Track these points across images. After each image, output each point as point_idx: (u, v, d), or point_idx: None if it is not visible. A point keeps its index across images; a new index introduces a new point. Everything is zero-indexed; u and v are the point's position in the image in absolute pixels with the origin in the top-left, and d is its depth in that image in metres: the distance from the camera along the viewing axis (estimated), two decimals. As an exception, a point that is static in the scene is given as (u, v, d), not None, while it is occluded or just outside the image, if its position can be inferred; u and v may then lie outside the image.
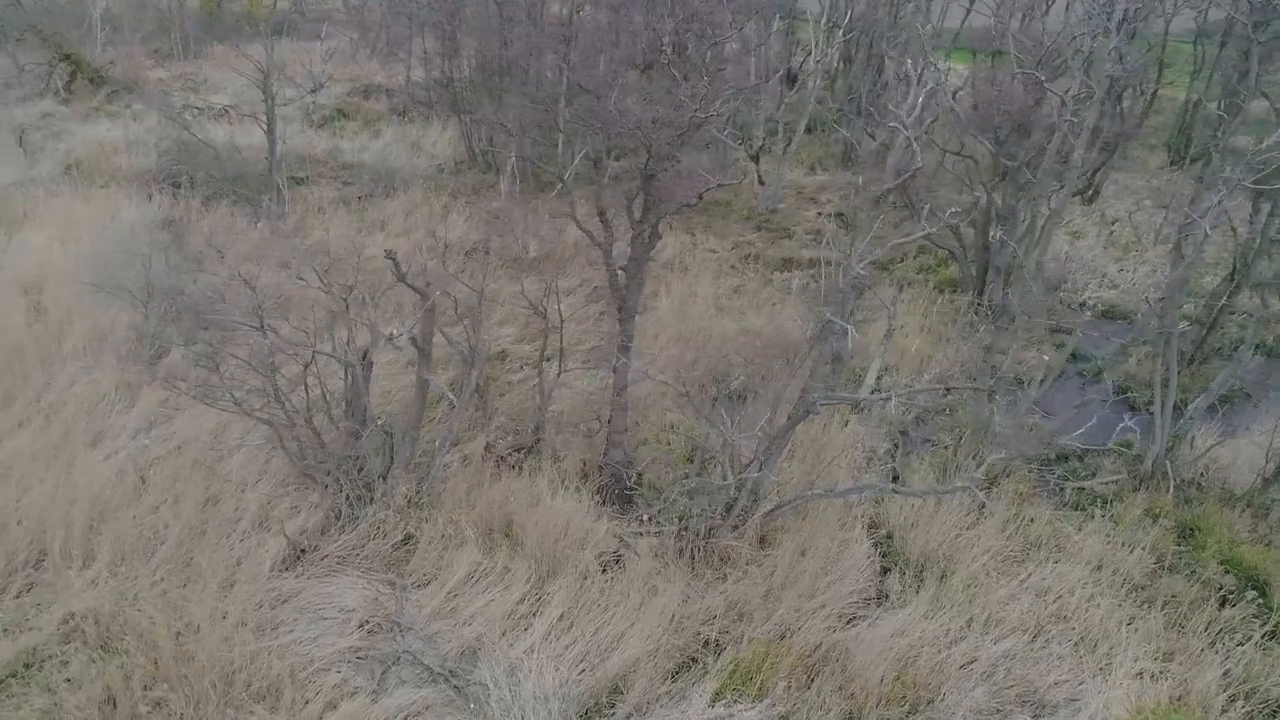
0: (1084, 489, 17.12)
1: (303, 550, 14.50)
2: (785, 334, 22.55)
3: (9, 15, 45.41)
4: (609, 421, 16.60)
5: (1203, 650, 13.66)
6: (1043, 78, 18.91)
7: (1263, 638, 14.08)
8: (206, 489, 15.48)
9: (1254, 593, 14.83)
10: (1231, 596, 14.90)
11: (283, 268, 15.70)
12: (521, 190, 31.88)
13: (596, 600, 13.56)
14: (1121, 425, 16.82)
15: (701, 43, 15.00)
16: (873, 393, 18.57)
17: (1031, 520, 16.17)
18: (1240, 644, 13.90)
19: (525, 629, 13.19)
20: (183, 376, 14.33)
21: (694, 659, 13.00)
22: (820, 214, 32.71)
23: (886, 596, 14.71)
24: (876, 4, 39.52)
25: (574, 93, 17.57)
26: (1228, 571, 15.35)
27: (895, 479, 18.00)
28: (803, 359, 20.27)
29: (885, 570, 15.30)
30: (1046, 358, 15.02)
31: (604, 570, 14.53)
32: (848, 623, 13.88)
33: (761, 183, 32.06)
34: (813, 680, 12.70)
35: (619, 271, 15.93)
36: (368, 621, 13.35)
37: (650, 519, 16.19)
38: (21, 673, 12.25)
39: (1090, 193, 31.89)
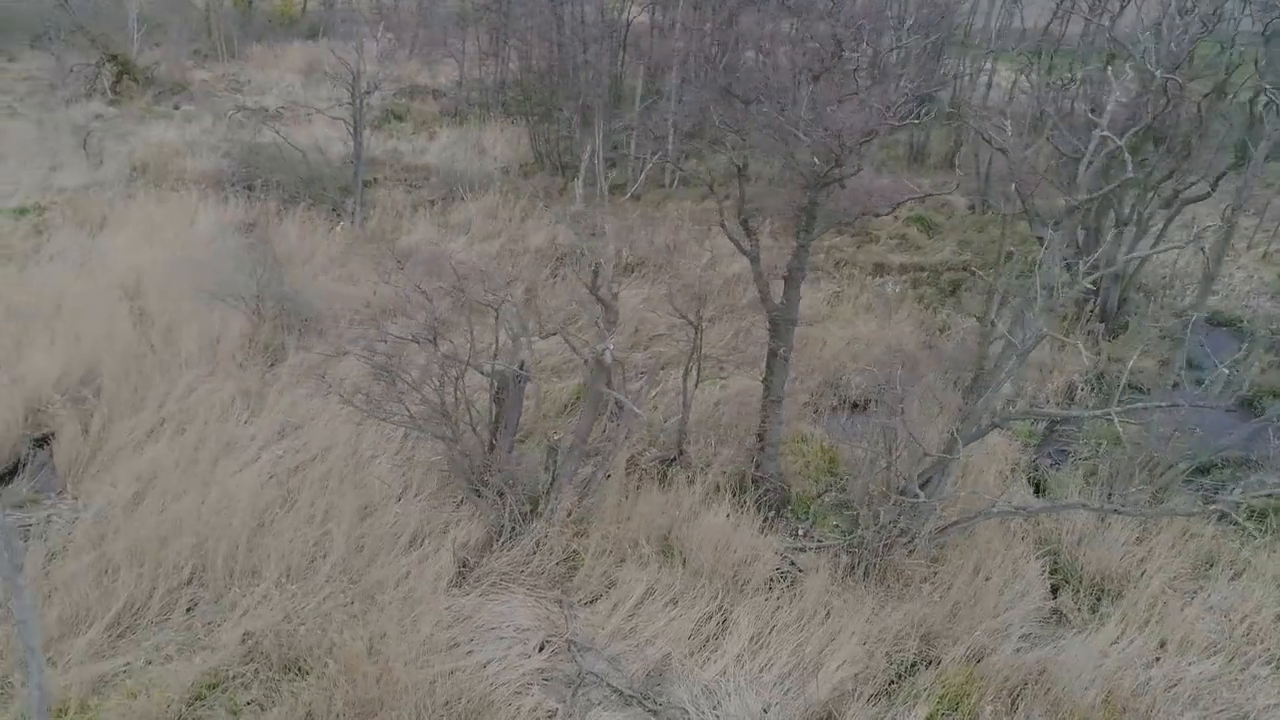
0: (1239, 503, 16.70)
1: (466, 566, 14.11)
2: (900, 341, 22.24)
3: (55, 16, 45.01)
4: (760, 434, 16.19)
5: None
6: (1182, 82, 18.59)
7: None
8: (357, 502, 15.06)
9: None
10: None
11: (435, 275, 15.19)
12: (593, 193, 31.47)
13: (783, 620, 13.15)
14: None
15: (871, 50, 14.63)
16: (1022, 405, 18.12)
17: (1195, 536, 15.76)
18: None
19: (714, 650, 12.79)
20: (362, 390, 13.90)
21: (892, 681, 12.60)
22: (897, 218, 32.32)
23: (1064, 616, 14.33)
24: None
25: (720, 98, 17.13)
26: None
27: (1038, 491, 17.67)
28: (925, 368, 19.87)
29: (1054, 588, 14.92)
30: (1226, 370, 14.65)
31: (774, 587, 14.15)
32: (1036, 643, 13.48)
33: (842, 186, 31.60)
34: (1016, 703, 12.32)
35: (781, 280, 15.52)
36: (549, 641, 12.95)
37: (805, 533, 15.83)
38: (206, 695, 11.83)
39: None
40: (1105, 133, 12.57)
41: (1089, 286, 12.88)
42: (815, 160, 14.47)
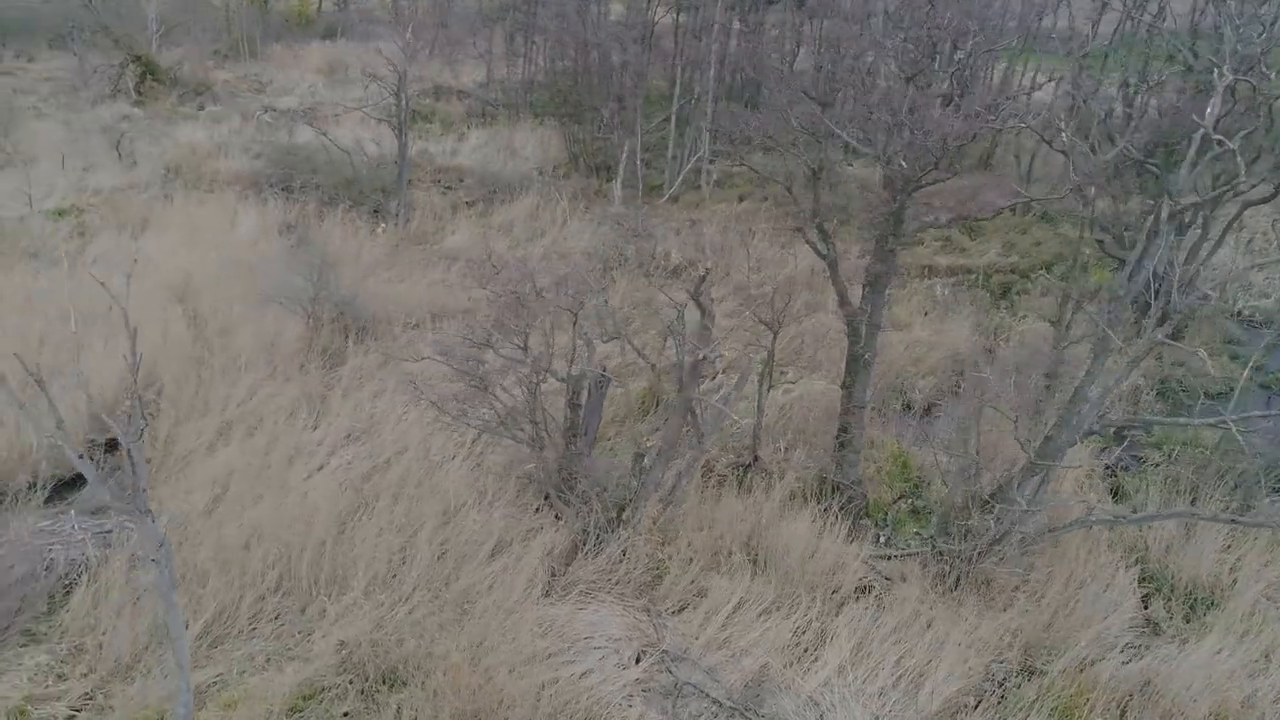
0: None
1: (554, 575, 13.87)
2: (959, 345, 22.02)
3: (78, 16, 44.82)
4: (842, 440, 15.96)
5: None
6: (1255, 84, 18.37)
7: None
8: (435, 508, 14.81)
9: None
10: None
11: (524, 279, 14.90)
12: (634, 195, 31.24)
13: (883, 631, 12.90)
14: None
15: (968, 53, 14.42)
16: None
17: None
18: None
19: (814, 660, 12.55)
20: (458, 399, 13.66)
21: (1004, 696, 12.36)
22: (937, 219, 32.09)
23: (1158, 626, 14.10)
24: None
25: (796, 100, 16.95)
26: None
27: (1115, 497, 17.45)
28: (995, 372, 19.64)
29: (1145, 598, 14.69)
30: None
31: (868, 595, 13.93)
32: (1135, 654, 13.25)
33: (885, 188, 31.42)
34: (1125, 715, 12.10)
35: (863, 286, 15.32)
36: (644, 652, 12.71)
37: (887, 540, 15.61)
38: (302, 706, 11.59)
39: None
40: (1218, 137, 12.36)
41: (1209, 293, 12.66)
42: (903, 164, 14.28)
